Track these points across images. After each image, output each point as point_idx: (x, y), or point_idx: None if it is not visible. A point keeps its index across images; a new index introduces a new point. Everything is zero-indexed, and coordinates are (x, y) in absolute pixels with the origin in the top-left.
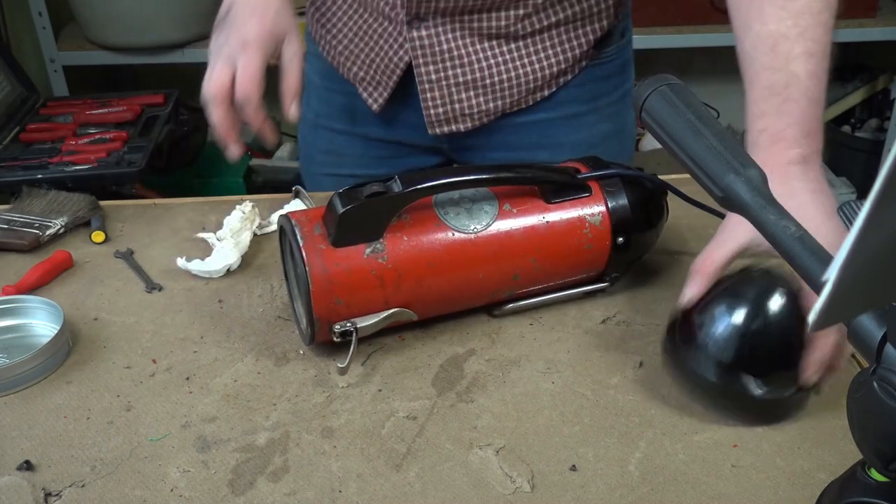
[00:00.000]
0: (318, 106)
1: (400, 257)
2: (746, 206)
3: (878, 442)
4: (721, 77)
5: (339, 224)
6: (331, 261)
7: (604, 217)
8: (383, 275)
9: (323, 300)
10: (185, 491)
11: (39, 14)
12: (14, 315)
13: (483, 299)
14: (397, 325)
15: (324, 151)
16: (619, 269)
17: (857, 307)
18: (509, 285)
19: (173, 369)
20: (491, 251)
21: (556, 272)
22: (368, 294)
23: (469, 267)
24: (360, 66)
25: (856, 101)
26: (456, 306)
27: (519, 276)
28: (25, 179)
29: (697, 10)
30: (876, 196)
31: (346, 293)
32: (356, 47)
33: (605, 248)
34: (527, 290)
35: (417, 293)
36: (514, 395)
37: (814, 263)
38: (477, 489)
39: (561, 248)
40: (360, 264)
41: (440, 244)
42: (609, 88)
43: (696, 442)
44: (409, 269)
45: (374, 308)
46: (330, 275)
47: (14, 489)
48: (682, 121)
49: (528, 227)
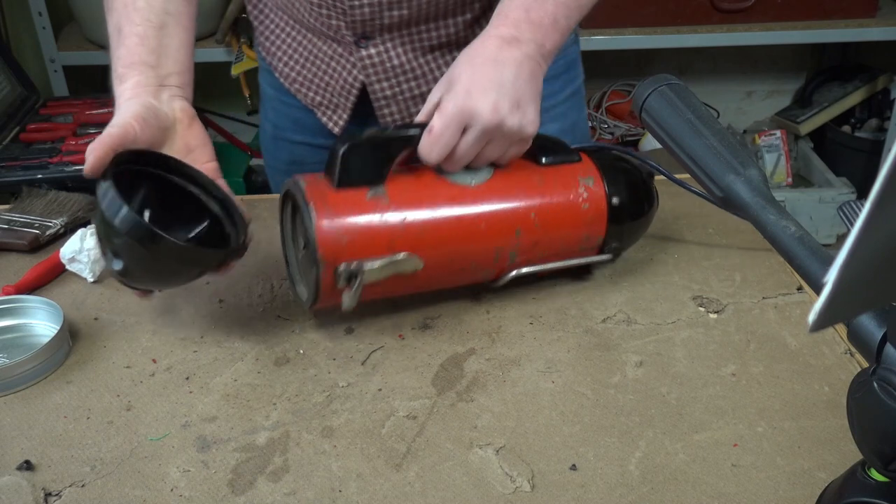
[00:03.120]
0: (276, 118)
1: (402, 201)
2: (746, 205)
3: (878, 442)
4: (721, 77)
5: (341, 164)
6: (334, 200)
7: (597, 179)
8: (387, 215)
9: (329, 240)
10: (185, 491)
11: (39, 14)
12: (14, 315)
13: (488, 258)
14: (403, 288)
15: (286, 162)
16: (619, 239)
17: (857, 307)
18: (512, 242)
19: (173, 369)
20: (490, 201)
21: (557, 231)
22: (373, 233)
23: (471, 215)
24: (316, 92)
25: (856, 101)
26: (461, 263)
27: (521, 232)
28: (25, 179)
29: (697, 10)
30: (876, 196)
31: (351, 231)
32: (308, 72)
33: (602, 209)
34: (531, 256)
35: (422, 237)
36: (514, 394)
37: (814, 263)
38: (477, 489)
39: (559, 206)
40: (363, 203)
41: (441, 193)
42: (555, 89)
43: (696, 441)
44: (412, 212)
45: (380, 250)
46: (334, 212)
47: (14, 489)
48: (682, 121)
49: (524, 181)
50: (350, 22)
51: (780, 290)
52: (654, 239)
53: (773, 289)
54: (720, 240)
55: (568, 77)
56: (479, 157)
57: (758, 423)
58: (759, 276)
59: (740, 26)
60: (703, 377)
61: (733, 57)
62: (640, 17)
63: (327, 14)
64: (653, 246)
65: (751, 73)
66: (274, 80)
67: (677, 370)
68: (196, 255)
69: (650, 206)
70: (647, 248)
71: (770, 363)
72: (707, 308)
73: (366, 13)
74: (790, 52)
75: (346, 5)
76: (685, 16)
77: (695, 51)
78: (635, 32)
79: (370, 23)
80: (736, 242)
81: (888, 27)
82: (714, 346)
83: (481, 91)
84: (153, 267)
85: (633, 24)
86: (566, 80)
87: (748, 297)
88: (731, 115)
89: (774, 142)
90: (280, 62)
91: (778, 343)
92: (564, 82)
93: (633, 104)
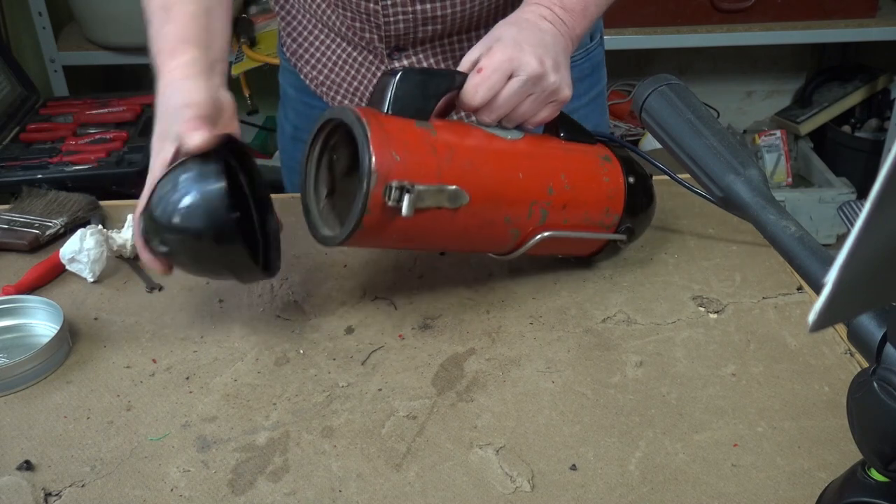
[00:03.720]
0: (296, 119)
1: (448, 137)
2: (746, 205)
3: (878, 442)
4: (721, 77)
5: (394, 91)
6: (386, 120)
7: (613, 160)
8: (435, 144)
9: (382, 153)
10: (185, 491)
11: (39, 14)
12: (14, 315)
13: (523, 212)
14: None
15: None
16: (632, 221)
17: (857, 307)
18: (545, 199)
19: (173, 369)
20: (527, 153)
21: (583, 196)
22: (423, 157)
23: (510, 162)
24: (344, 95)
25: (856, 101)
26: (499, 212)
27: (553, 190)
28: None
29: (697, 10)
30: (876, 196)
31: (402, 149)
32: (337, 76)
33: (620, 184)
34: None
35: (469, 172)
36: (514, 394)
37: (814, 263)
38: (477, 489)
39: (585, 173)
40: (413, 129)
41: (483, 139)
42: (580, 92)
43: (696, 441)
44: (458, 146)
45: (429, 177)
46: (386, 129)
47: (14, 489)
48: (682, 121)
49: (553, 147)
50: (384, 35)
51: (780, 290)
52: (654, 239)
53: (773, 289)
54: (720, 240)
55: (593, 80)
56: (514, 112)
57: (758, 423)
58: (759, 276)
59: (740, 26)
60: (703, 377)
61: (733, 57)
62: (640, 17)
63: (361, 27)
64: (653, 246)
65: (751, 73)
66: (297, 81)
67: (677, 370)
68: (248, 269)
69: (651, 200)
70: (647, 248)
71: (770, 363)
72: (707, 308)
73: (400, 28)
74: (790, 52)
75: (381, 21)
76: (685, 16)
77: (695, 51)
78: (635, 32)
79: (404, 37)
80: (736, 242)
81: (888, 27)
82: (714, 346)
83: (529, 45)
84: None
85: (633, 24)
86: (591, 82)
87: (748, 297)
88: (731, 115)
89: (774, 142)
90: (307, 65)
91: (778, 343)
92: (589, 85)
93: (633, 104)
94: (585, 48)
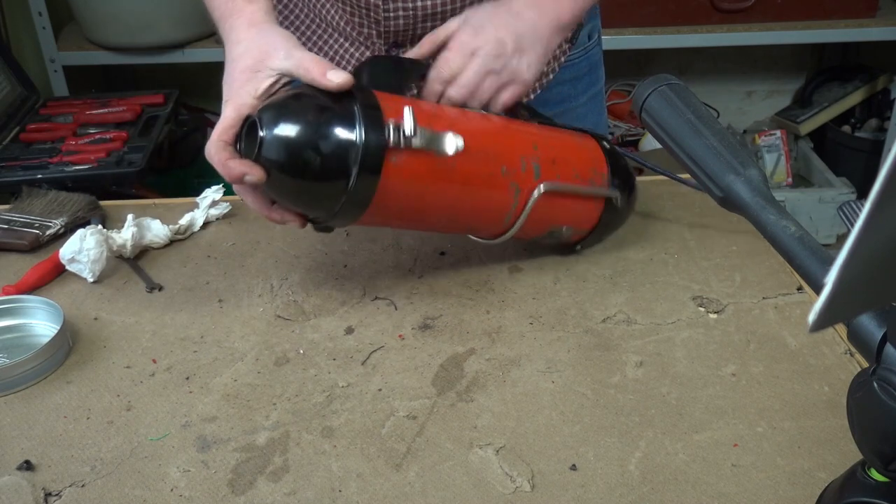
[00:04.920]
0: None
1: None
2: (746, 205)
3: (878, 442)
4: (721, 77)
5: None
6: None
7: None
8: (420, 105)
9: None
10: (185, 491)
11: (39, 14)
12: (14, 315)
13: (515, 163)
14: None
15: None
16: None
17: (857, 307)
18: (532, 153)
19: (173, 369)
20: (503, 122)
21: (568, 153)
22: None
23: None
24: None
25: (856, 101)
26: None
27: (537, 147)
28: (25, 179)
29: (697, 10)
30: (876, 196)
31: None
32: None
33: (597, 147)
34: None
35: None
36: (514, 394)
37: (814, 263)
38: (477, 489)
39: (560, 136)
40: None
41: (458, 111)
42: (578, 91)
43: (696, 441)
44: (439, 112)
45: (423, 120)
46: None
47: (14, 489)
48: (682, 121)
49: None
50: (383, 31)
51: (780, 290)
52: (654, 239)
53: (773, 289)
54: (720, 240)
55: (590, 79)
56: (477, 90)
57: (758, 423)
58: (759, 276)
59: (740, 26)
60: (703, 377)
61: (733, 57)
62: (640, 17)
63: (360, 22)
64: (653, 246)
65: (751, 73)
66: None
67: (677, 370)
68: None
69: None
70: (647, 248)
71: (770, 363)
72: (707, 308)
73: (399, 24)
74: (790, 52)
75: (381, 16)
76: (685, 16)
77: (695, 51)
78: (635, 32)
79: (403, 33)
80: (736, 242)
81: (888, 27)
82: (714, 346)
83: (493, 25)
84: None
85: (633, 24)
86: (588, 81)
87: (748, 297)
88: (731, 115)
89: (774, 142)
90: None
91: (778, 343)
92: (587, 84)
93: (633, 104)
94: (584, 47)
